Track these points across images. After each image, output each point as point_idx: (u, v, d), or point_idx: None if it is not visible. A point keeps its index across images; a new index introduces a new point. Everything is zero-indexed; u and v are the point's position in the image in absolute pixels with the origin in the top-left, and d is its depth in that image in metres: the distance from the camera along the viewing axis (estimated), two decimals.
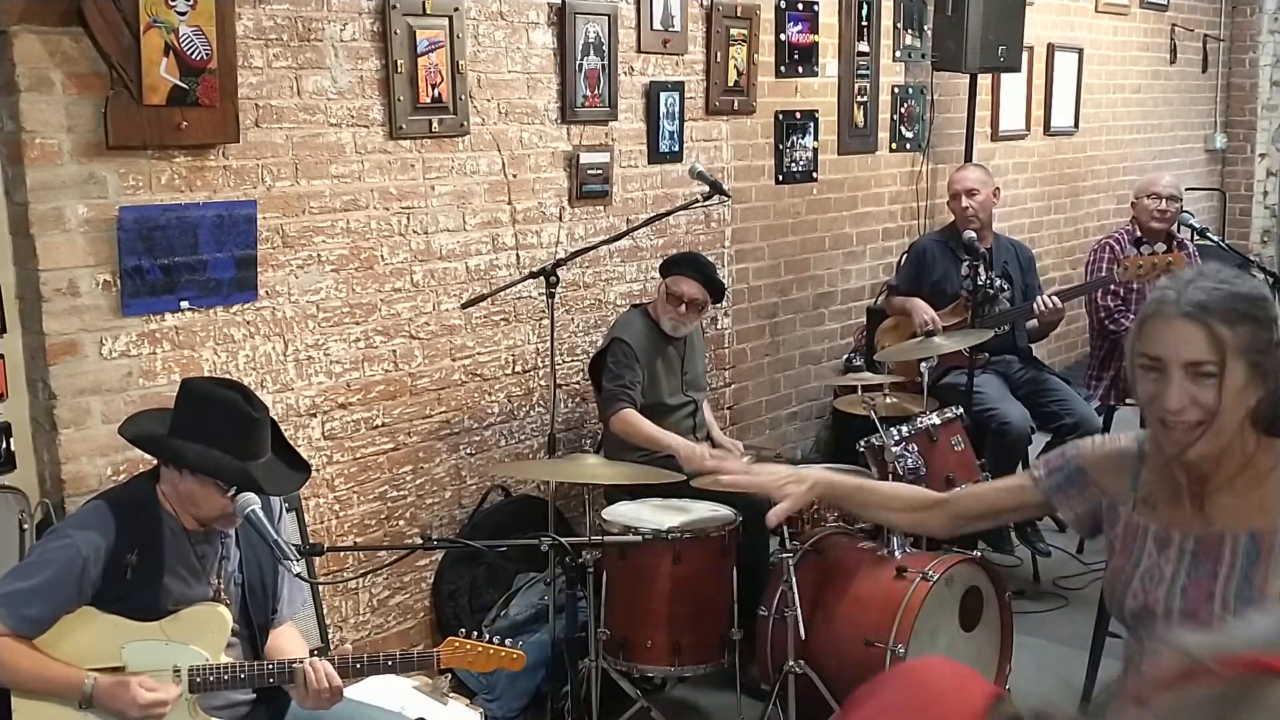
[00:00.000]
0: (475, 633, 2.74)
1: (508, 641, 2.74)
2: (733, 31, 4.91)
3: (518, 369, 4.31)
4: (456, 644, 2.68)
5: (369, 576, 3.87)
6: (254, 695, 2.70)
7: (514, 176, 4.19)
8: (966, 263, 4.76)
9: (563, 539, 2.87)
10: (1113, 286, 5.13)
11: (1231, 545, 1.85)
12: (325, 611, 3.71)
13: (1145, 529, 1.96)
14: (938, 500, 2.30)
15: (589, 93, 4.37)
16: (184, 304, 3.34)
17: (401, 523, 4.00)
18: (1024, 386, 4.93)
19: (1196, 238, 5.45)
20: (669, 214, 4.29)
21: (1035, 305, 4.85)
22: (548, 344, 4.00)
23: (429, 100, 3.87)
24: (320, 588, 3.66)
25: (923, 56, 5.98)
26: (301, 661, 2.57)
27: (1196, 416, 1.78)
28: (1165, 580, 1.91)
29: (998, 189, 5.13)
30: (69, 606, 2.47)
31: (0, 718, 2.50)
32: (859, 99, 5.68)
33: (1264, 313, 1.79)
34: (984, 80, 6.23)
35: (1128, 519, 2.00)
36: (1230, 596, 1.84)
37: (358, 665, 2.62)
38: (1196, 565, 1.88)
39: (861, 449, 4.05)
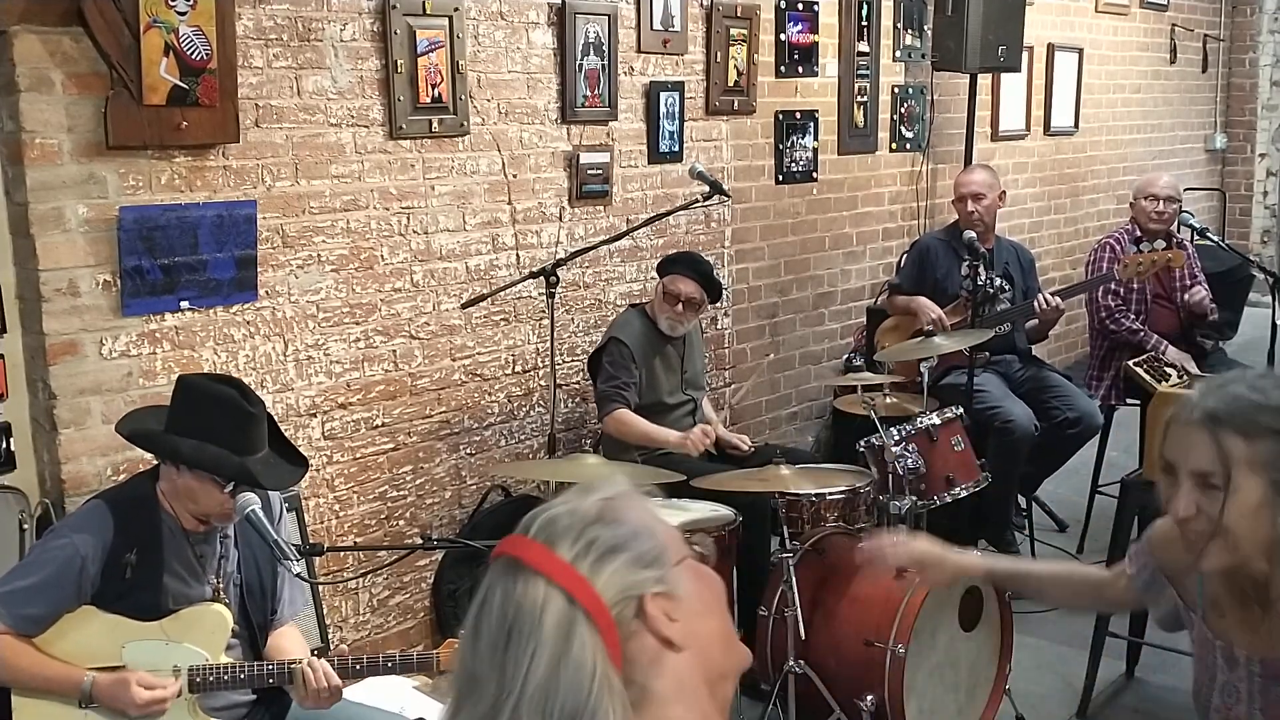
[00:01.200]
0: None
1: None
2: (733, 31, 4.91)
3: (518, 369, 4.31)
4: (456, 645, 2.68)
5: (369, 576, 3.87)
6: (254, 696, 2.70)
7: (514, 176, 4.20)
8: (967, 262, 4.77)
9: None
10: (1113, 286, 5.13)
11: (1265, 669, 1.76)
12: (325, 611, 3.71)
13: (1214, 643, 1.86)
14: (1099, 584, 2.18)
15: (589, 93, 4.37)
16: (184, 304, 3.34)
17: (401, 523, 4.00)
18: (1025, 384, 4.93)
19: (1196, 238, 5.45)
20: (669, 214, 4.29)
21: (1035, 303, 4.85)
22: (548, 344, 4.00)
23: (429, 100, 3.87)
24: (320, 588, 3.66)
25: (923, 56, 5.98)
26: (300, 661, 2.56)
27: (1205, 526, 1.70)
28: (1243, 699, 1.82)
29: (1004, 192, 5.14)
30: (68, 605, 2.47)
31: (1, 717, 2.50)
32: (859, 99, 5.68)
33: None
34: (984, 80, 6.23)
35: (1200, 629, 1.89)
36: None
37: (357, 666, 2.61)
38: (1267, 688, 1.79)
39: (861, 449, 4.05)
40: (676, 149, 4.75)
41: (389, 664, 2.65)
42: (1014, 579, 2.35)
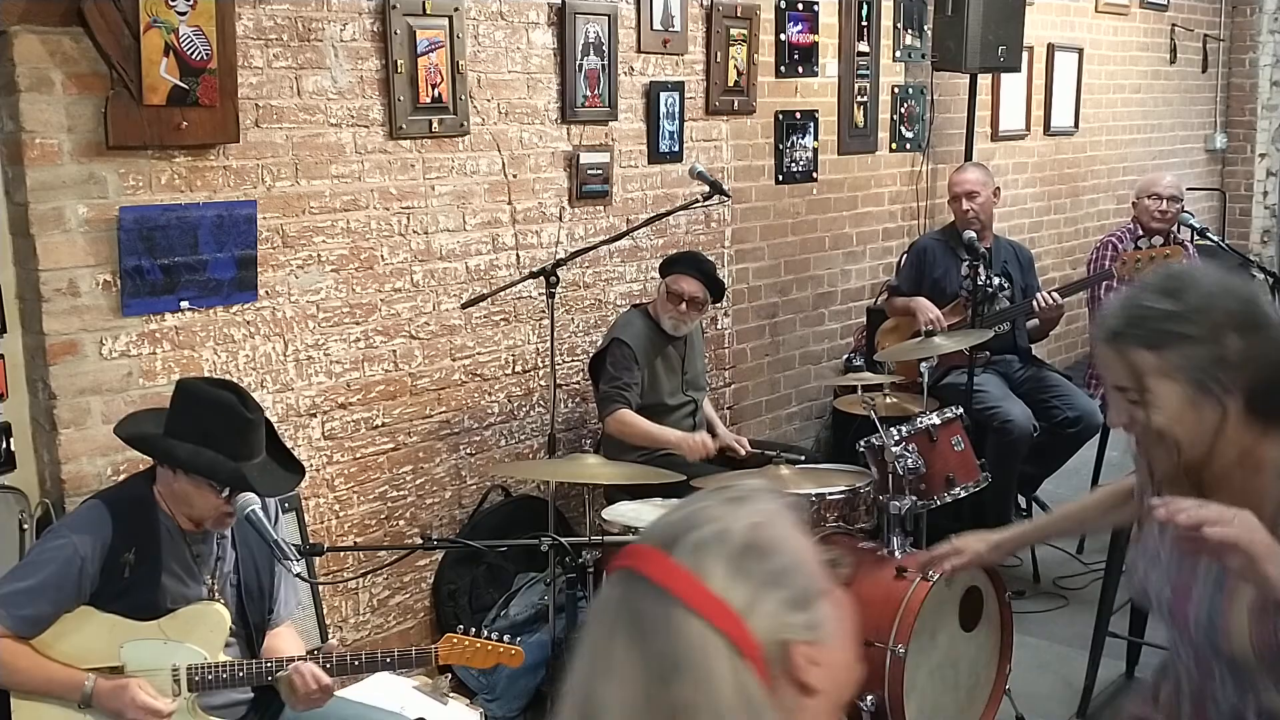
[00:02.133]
0: (473, 629, 2.74)
1: (506, 638, 2.73)
2: (733, 31, 4.91)
3: (518, 369, 4.31)
4: (454, 640, 2.68)
5: (369, 576, 3.87)
6: (252, 695, 2.70)
7: (514, 176, 4.19)
8: (966, 262, 4.77)
9: (563, 539, 2.88)
10: (1114, 284, 5.13)
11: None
12: (325, 611, 3.71)
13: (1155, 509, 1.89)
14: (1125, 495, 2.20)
15: (589, 93, 4.37)
16: (184, 304, 3.34)
17: (401, 523, 4.00)
18: (1025, 384, 4.93)
19: (1196, 238, 5.45)
20: (669, 214, 4.29)
21: (1035, 301, 4.85)
22: (548, 344, 4.00)
23: (429, 100, 3.87)
24: (320, 588, 3.66)
25: (923, 56, 5.98)
26: (285, 667, 2.56)
27: (1146, 432, 1.74)
28: (1162, 568, 1.86)
29: (998, 189, 5.14)
30: (67, 606, 2.47)
31: (1, 716, 2.50)
32: (859, 99, 5.68)
33: (1202, 326, 1.68)
34: (984, 80, 6.23)
35: (1147, 499, 1.92)
36: (1204, 602, 1.77)
37: (355, 663, 2.62)
38: (1179, 561, 1.82)
39: (861, 449, 4.05)
40: (676, 149, 4.75)
41: (386, 661, 2.66)
42: (1048, 528, 2.34)
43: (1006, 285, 5.03)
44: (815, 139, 5.46)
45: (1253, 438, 1.73)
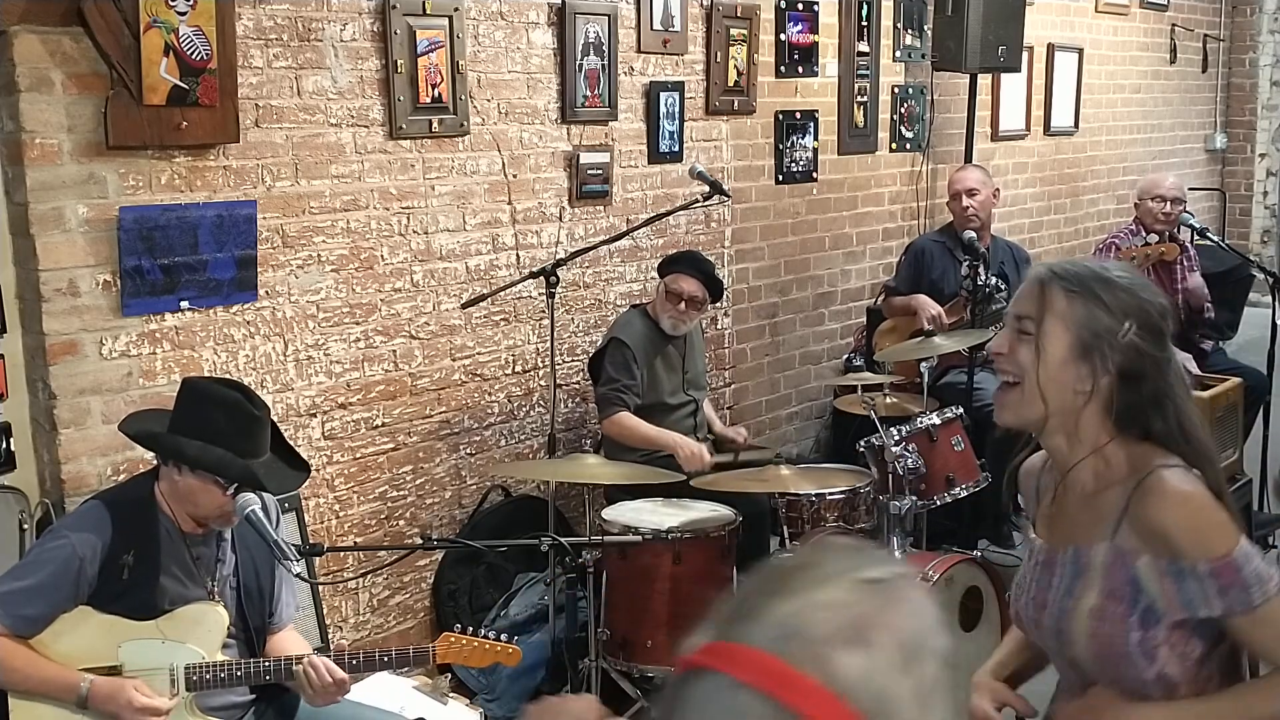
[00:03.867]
0: (471, 628, 2.74)
1: (504, 637, 2.74)
2: (733, 31, 4.91)
3: (518, 369, 4.31)
4: (452, 639, 2.68)
5: (369, 576, 3.87)
6: (252, 695, 2.70)
7: (514, 176, 4.19)
8: (967, 262, 4.77)
9: (563, 539, 2.88)
10: None
11: (1062, 557, 1.85)
12: (325, 611, 3.71)
13: (1029, 538, 1.98)
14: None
15: (589, 93, 4.37)
16: (184, 304, 3.34)
17: (401, 523, 4.00)
18: None
19: (1196, 238, 5.45)
20: (669, 214, 4.29)
21: None
22: (548, 344, 4.00)
23: (429, 100, 3.87)
24: (320, 588, 3.66)
25: (923, 56, 5.98)
26: (300, 660, 2.56)
27: (1012, 370, 1.82)
28: (1026, 588, 1.92)
29: (997, 190, 5.15)
30: (66, 606, 2.47)
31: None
32: (859, 99, 5.68)
33: (1116, 301, 1.77)
34: (984, 80, 6.23)
35: (1025, 532, 2.02)
36: (1055, 609, 1.84)
37: (353, 662, 2.62)
38: (1039, 574, 1.89)
39: (861, 449, 4.05)
40: (676, 149, 4.75)
41: (384, 660, 2.66)
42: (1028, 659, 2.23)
43: (1003, 286, 5.03)
44: (815, 139, 5.46)
45: (1107, 435, 1.81)
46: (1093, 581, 1.79)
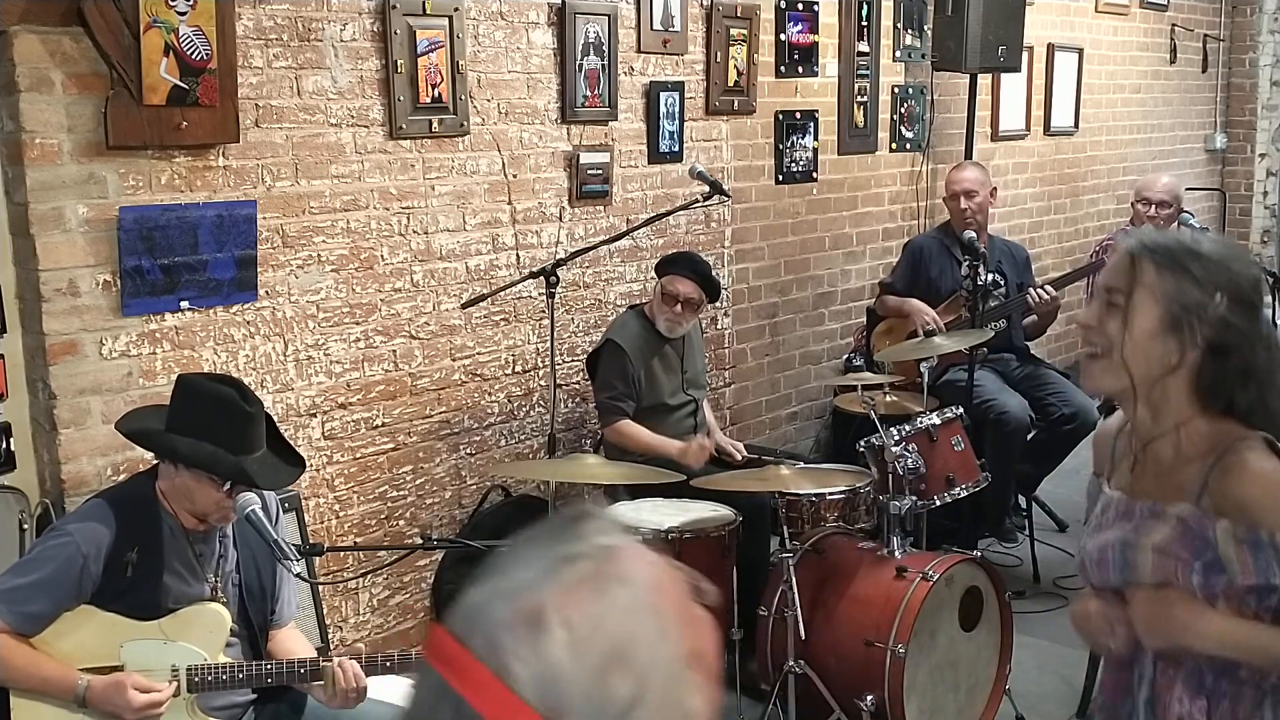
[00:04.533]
0: None
1: None
2: (733, 31, 4.91)
3: (518, 369, 4.31)
4: None
5: (369, 576, 3.87)
6: (253, 695, 2.70)
7: (514, 176, 4.19)
8: (966, 262, 4.77)
9: None
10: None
11: (1140, 506, 1.87)
12: (325, 611, 3.71)
13: (1105, 494, 1.98)
14: None
15: (589, 93, 4.37)
16: (184, 304, 3.34)
17: (401, 523, 4.00)
18: (1022, 381, 4.95)
19: None
20: (669, 214, 4.29)
21: (1030, 297, 4.86)
22: (548, 344, 4.00)
23: (429, 100, 3.87)
24: (320, 588, 3.66)
25: (923, 56, 5.98)
26: (330, 660, 2.57)
27: (1100, 343, 1.82)
28: (1097, 538, 1.93)
29: (995, 189, 5.15)
30: (68, 604, 2.47)
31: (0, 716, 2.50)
32: (859, 99, 5.68)
33: (1207, 273, 1.77)
34: (984, 80, 6.23)
35: (1099, 490, 2.02)
36: (1120, 541, 1.86)
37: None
38: (1117, 522, 1.90)
39: (861, 449, 4.05)
40: (676, 149, 4.75)
41: (388, 664, 2.66)
42: None
43: (1001, 284, 5.03)
44: (815, 139, 5.46)
45: (1190, 411, 1.82)
46: (1163, 527, 1.81)
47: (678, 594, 0.92)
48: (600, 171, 4.46)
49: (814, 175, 5.51)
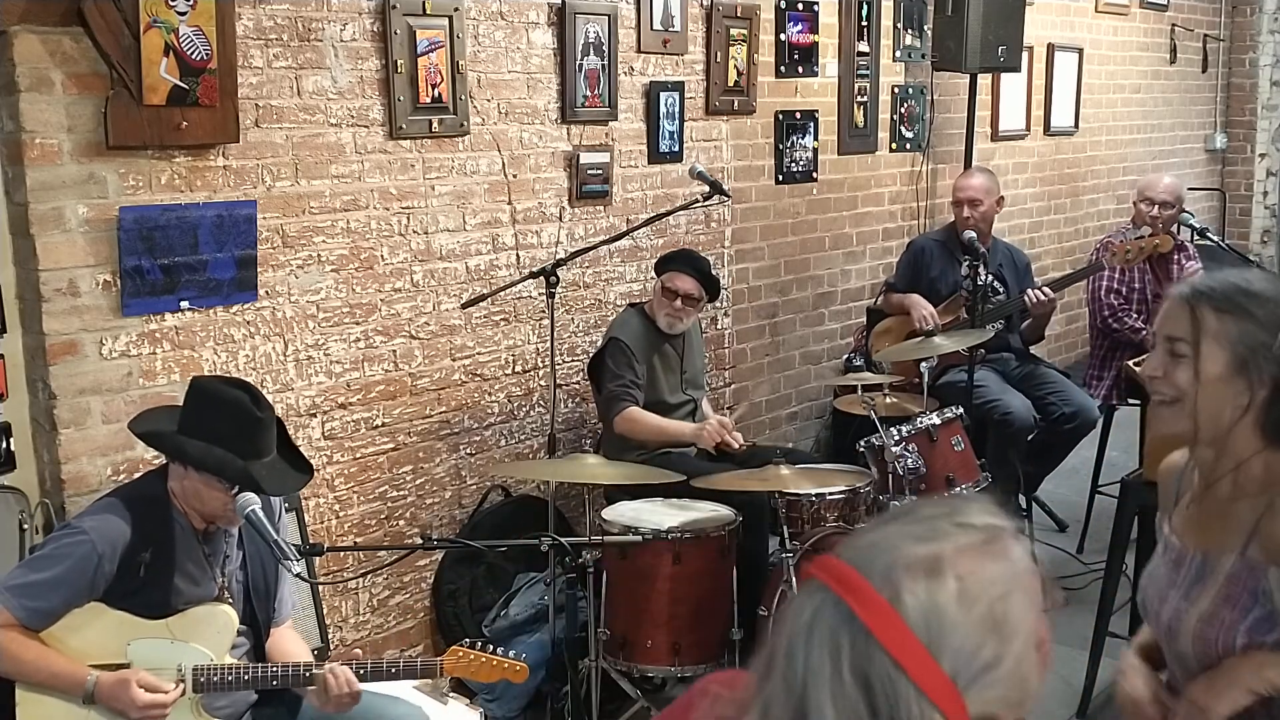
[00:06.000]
0: (479, 642, 2.75)
1: (511, 653, 2.74)
2: (733, 31, 4.91)
3: (518, 369, 4.31)
4: (460, 653, 2.69)
5: (369, 576, 3.87)
6: (255, 695, 2.70)
7: (514, 176, 4.19)
8: (967, 262, 4.77)
9: (563, 539, 2.88)
10: (1115, 285, 5.14)
11: (1190, 559, 1.90)
12: (325, 611, 3.71)
13: (1164, 534, 2.00)
14: None
15: (589, 93, 4.37)
16: (184, 304, 3.34)
17: (401, 523, 4.00)
18: (1021, 381, 4.94)
19: (1196, 238, 5.45)
20: (669, 214, 4.29)
21: (1027, 298, 4.87)
22: (548, 344, 4.00)
23: (429, 100, 3.87)
24: (320, 588, 3.66)
25: (923, 56, 5.98)
26: (321, 665, 2.58)
27: (1169, 393, 1.84)
28: (1156, 581, 1.96)
29: (1001, 197, 5.15)
30: (79, 601, 2.48)
31: (3, 710, 2.50)
32: (859, 99, 5.68)
33: (1268, 314, 1.78)
34: (984, 80, 6.23)
35: (1166, 535, 2.03)
36: (1171, 606, 1.89)
37: (360, 672, 2.63)
38: (1170, 571, 1.94)
39: (861, 449, 4.05)
40: (676, 149, 4.75)
41: (392, 671, 2.67)
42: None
43: (1000, 288, 5.04)
44: (815, 139, 5.46)
45: (1250, 449, 1.83)
46: (1210, 588, 1.84)
47: (1038, 583, 1.09)
48: (600, 171, 4.46)
49: (814, 175, 5.51)
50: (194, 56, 3.18)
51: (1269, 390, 1.79)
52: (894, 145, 5.98)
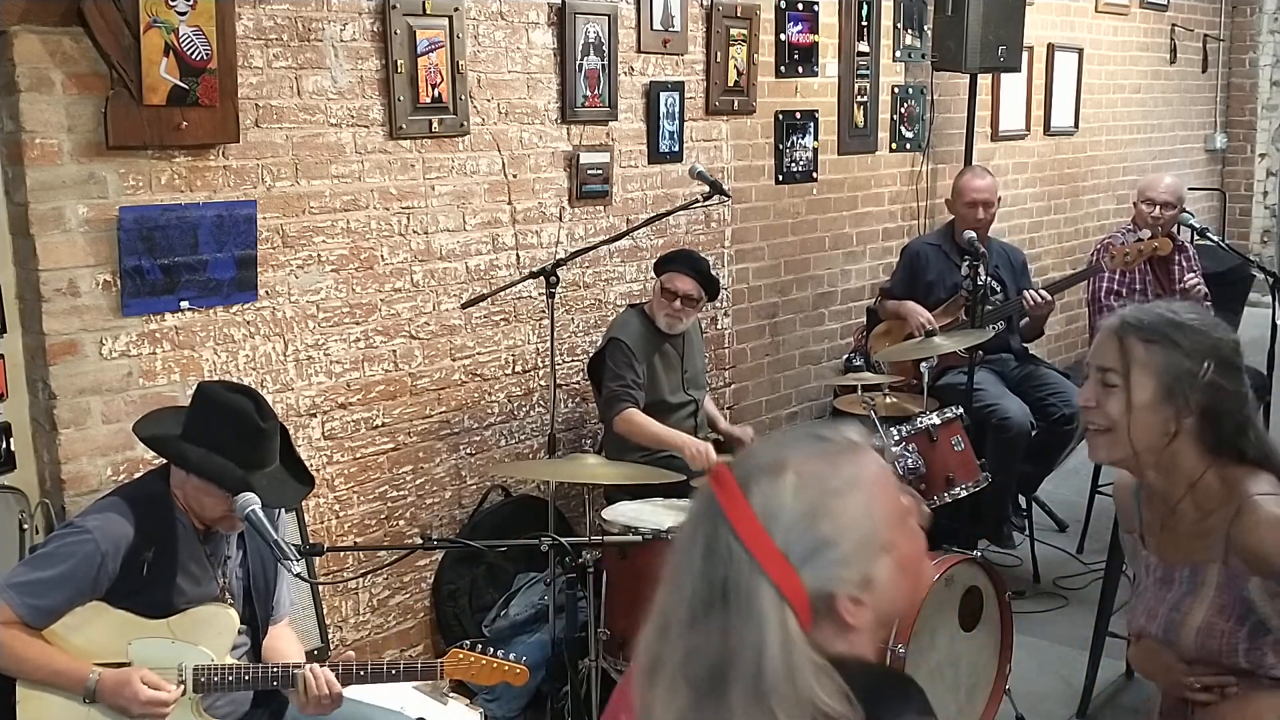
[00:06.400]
0: (479, 644, 2.75)
1: (511, 655, 2.74)
2: (733, 31, 4.91)
3: (518, 369, 4.31)
4: (460, 655, 2.69)
5: (369, 576, 3.87)
6: (253, 694, 2.71)
7: (514, 176, 4.19)
8: (967, 262, 4.77)
9: (563, 539, 2.87)
10: (1115, 286, 5.14)
11: (1180, 573, 1.95)
12: (325, 611, 3.71)
13: (1145, 558, 2.06)
14: None
15: (589, 93, 4.37)
16: (184, 304, 3.34)
17: (401, 523, 4.00)
18: (1020, 382, 4.94)
19: (1196, 238, 5.45)
20: (669, 214, 4.29)
21: (1025, 299, 4.86)
22: (548, 344, 4.00)
23: (429, 100, 3.87)
24: (320, 588, 3.66)
25: (923, 56, 5.98)
26: (301, 666, 2.57)
27: (1102, 422, 1.92)
28: (1145, 603, 2.02)
29: (1000, 197, 5.16)
30: (81, 600, 2.48)
31: (4, 708, 2.50)
32: (859, 99, 5.68)
33: (1193, 344, 1.87)
34: (984, 80, 6.23)
35: (1140, 552, 2.09)
36: (1163, 620, 1.96)
37: (360, 673, 2.63)
38: (1159, 590, 1.99)
39: None
40: (676, 149, 4.75)
41: (393, 673, 2.67)
42: None
43: (998, 288, 5.03)
44: (815, 139, 5.46)
45: (1203, 466, 1.92)
46: (1204, 598, 1.89)
47: (891, 498, 1.27)
48: (600, 171, 4.46)
49: (814, 175, 5.51)
50: (194, 56, 3.18)
51: (1196, 416, 1.88)
52: (894, 145, 5.98)
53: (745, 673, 1.18)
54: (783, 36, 5.22)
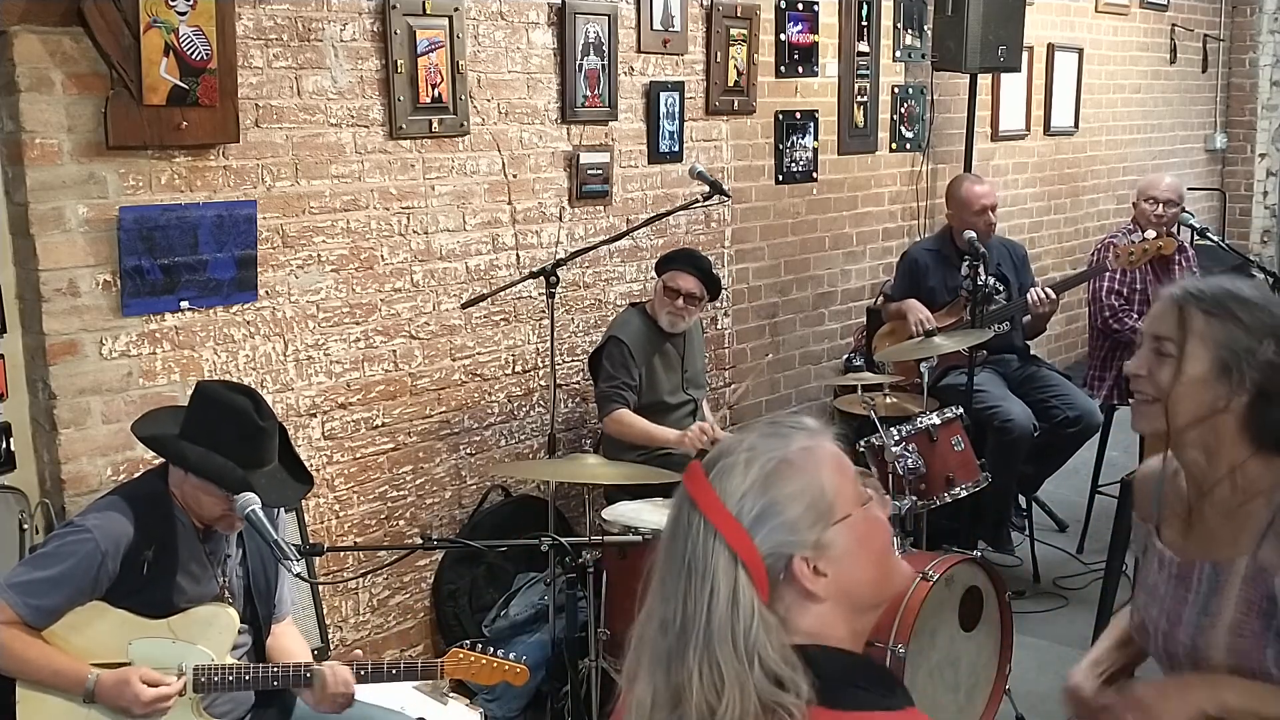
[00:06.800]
0: (479, 644, 2.75)
1: (511, 655, 2.74)
2: (733, 31, 4.91)
3: (518, 369, 4.31)
4: (460, 655, 2.69)
5: (369, 576, 3.87)
6: (254, 694, 2.71)
7: (514, 176, 4.19)
8: (967, 263, 4.76)
9: (563, 539, 2.87)
10: (1116, 286, 5.14)
11: (1199, 572, 1.88)
12: (325, 611, 3.72)
13: (1157, 548, 1.98)
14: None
15: (589, 93, 4.37)
16: (184, 304, 3.34)
17: (401, 523, 4.00)
18: (1023, 383, 4.93)
19: (1196, 238, 5.45)
20: (669, 214, 4.29)
21: (1029, 298, 4.85)
22: (548, 344, 4.00)
23: (429, 100, 3.87)
24: (320, 587, 3.66)
25: (923, 56, 5.98)
26: (318, 663, 2.58)
27: (1151, 391, 1.87)
28: (1159, 600, 1.93)
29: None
30: (82, 600, 2.48)
31: (3, 708, 2.50)
32: (859, 99, 5.68)
33: (1255, 320, 1.80)
34: (984, 80, 6.23)
35: (1150, 540, 2.02)
36: (1191, 625, 1.87)
37: (361, 673, 2.63)
38: (1175, 588, 1.91)
39: (861, 449, 4.05)
40: (676, 149, 4.75)
41: (393, 672, 2.67)
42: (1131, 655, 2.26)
43: (1002, 287, 5.02)
44: (815, 139, 5.46)
45: (1243, 454, 1.84)
46: (1230, 598, 1.82)
47: (846, 475, 1.34)
48: (600, 171, 4.46)
49: (814, 175, 5.51)
50: (194, 56, 3.19)
51: (1249, 395, 1.81)
52: (894, 145, 5.98)
53: (699, 627, 1.25)
54: (783, 36, 5.22)
